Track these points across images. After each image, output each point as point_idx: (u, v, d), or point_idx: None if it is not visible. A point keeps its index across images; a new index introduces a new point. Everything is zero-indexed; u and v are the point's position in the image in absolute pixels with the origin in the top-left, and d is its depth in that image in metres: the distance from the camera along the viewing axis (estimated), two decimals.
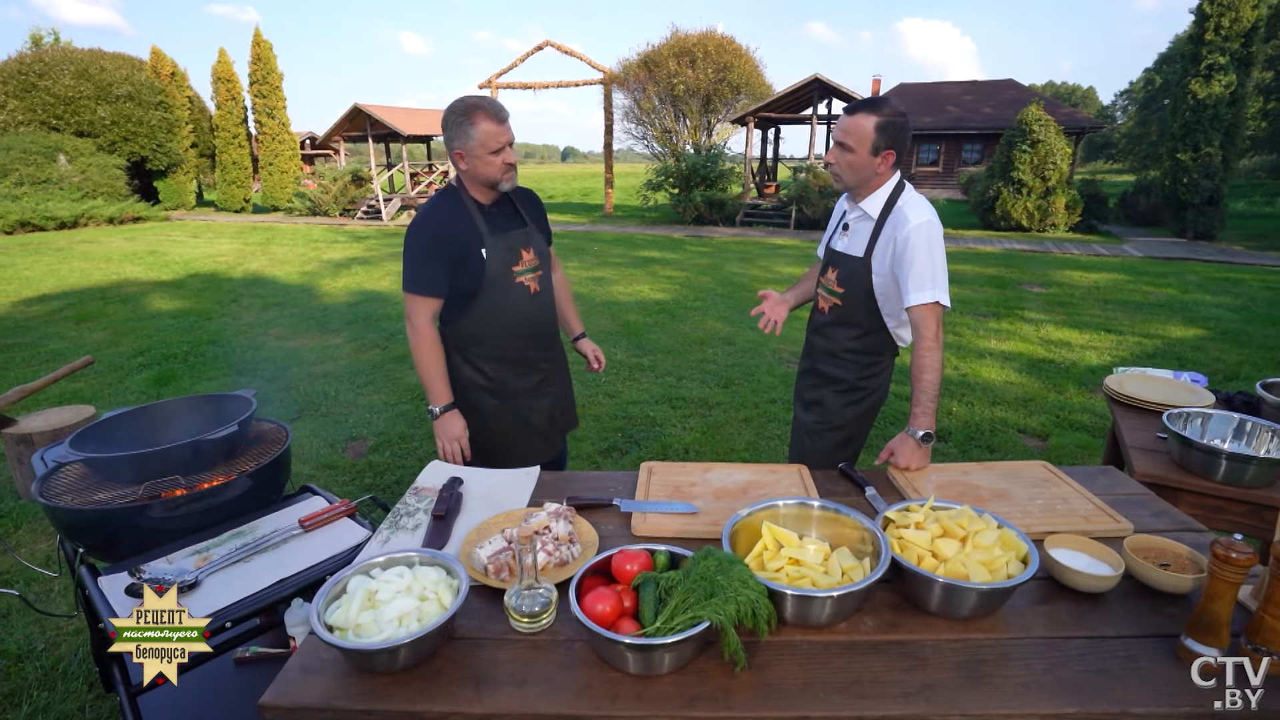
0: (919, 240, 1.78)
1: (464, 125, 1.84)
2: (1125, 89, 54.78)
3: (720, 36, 19.57)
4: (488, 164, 1.88)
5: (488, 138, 1.84)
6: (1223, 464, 1.67)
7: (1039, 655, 1.11)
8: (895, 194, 1.87)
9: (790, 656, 1.12)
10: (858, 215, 1.94)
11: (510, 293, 2.00)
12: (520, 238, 2.03)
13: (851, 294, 1.96)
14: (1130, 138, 45.31)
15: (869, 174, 1.85)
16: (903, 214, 1.82)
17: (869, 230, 1.90)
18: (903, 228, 1.79)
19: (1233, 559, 1.01)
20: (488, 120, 1.84)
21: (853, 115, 1.81)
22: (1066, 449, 3.81)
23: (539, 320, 2.11)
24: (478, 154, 1.86)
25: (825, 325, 2.08)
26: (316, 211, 19.27)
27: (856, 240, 1.94)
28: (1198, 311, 7.28)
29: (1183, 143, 12.90)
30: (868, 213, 1.90)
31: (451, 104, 1.88)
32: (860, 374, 2.04)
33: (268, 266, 10.54)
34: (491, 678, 1.08)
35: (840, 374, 2.06)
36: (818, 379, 2.14)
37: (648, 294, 8.35)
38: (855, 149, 1.81)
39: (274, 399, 4.74)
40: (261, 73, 19.82)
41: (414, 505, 1.61)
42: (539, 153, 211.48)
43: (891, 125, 1.79)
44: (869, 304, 1.94)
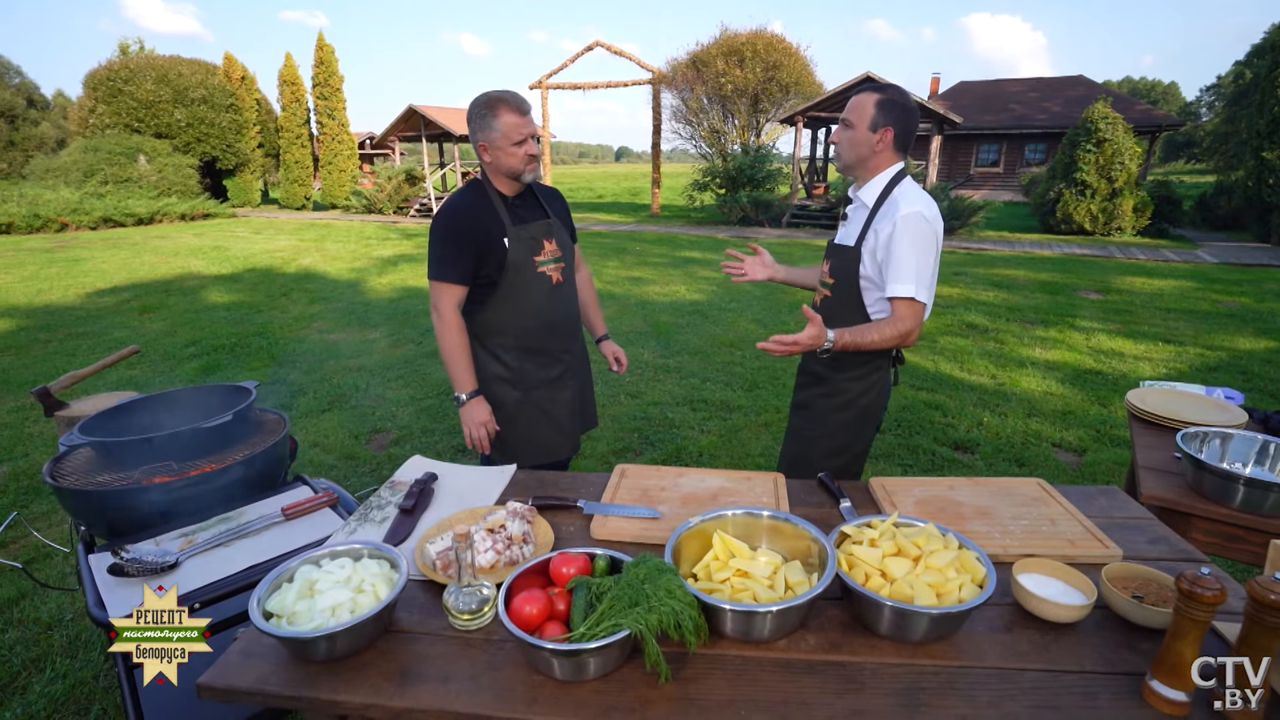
0: (905, 230, 1.72)
1: (487, 118, 1.89)
2: (1212, 84, 51.41)
3: (770, 35, 19.32)
4: (510, 155, 1.92)
5: (510, 129, 1.89)
6: (1240, 490, 1.54)
7: (986, 687, 1.04)
8: (893, 183, 1.82)
9: (720, 671, 1.08)
10: (856, 205, 1.91)
11: (532, 282, 2.03)
12: (542, 228, 2.07)
13: (840, 285, 1.90)
14: (1216, 136, 42.50)
15: (866, 151, 1.81)
16: (894, 202, 1.78)
17: (863, 219, 1.85)
18: (892, 216, 1.75)
19: (1198, 595, 0.92)
20: (510, 112, 1.88)
21: (858, 94, 1.80)
22: (1103, 465, 3.60)
23: (560, 311, 2.13)
24: (500, 145, 1.91)
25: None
26: (371, 209, 19.94)
27: (851, 230, 1.90)
28: (1273, 322, 6.76)
29: (1270, 140, 12.00)
30: (864, 201, 1.86)
31: (475, 98, 1.93)
32: (847, 375, 1.94)
33: (319, 262, 10.95)
34: (417, 673, 1.08)
35: (826, 373, 1.99)
36: (806, 378, 2.09)
37: (683, 294, 8.30)
38: (855, 125, 1.79)
39: (308, 390, 4.92)
40: (324, 75, 20.65)
41: (386, 498, 1.64)
42: (593, 152, 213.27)
43: (893, 104, 1.77)
44: (856, 297, 1.87)
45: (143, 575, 1.51)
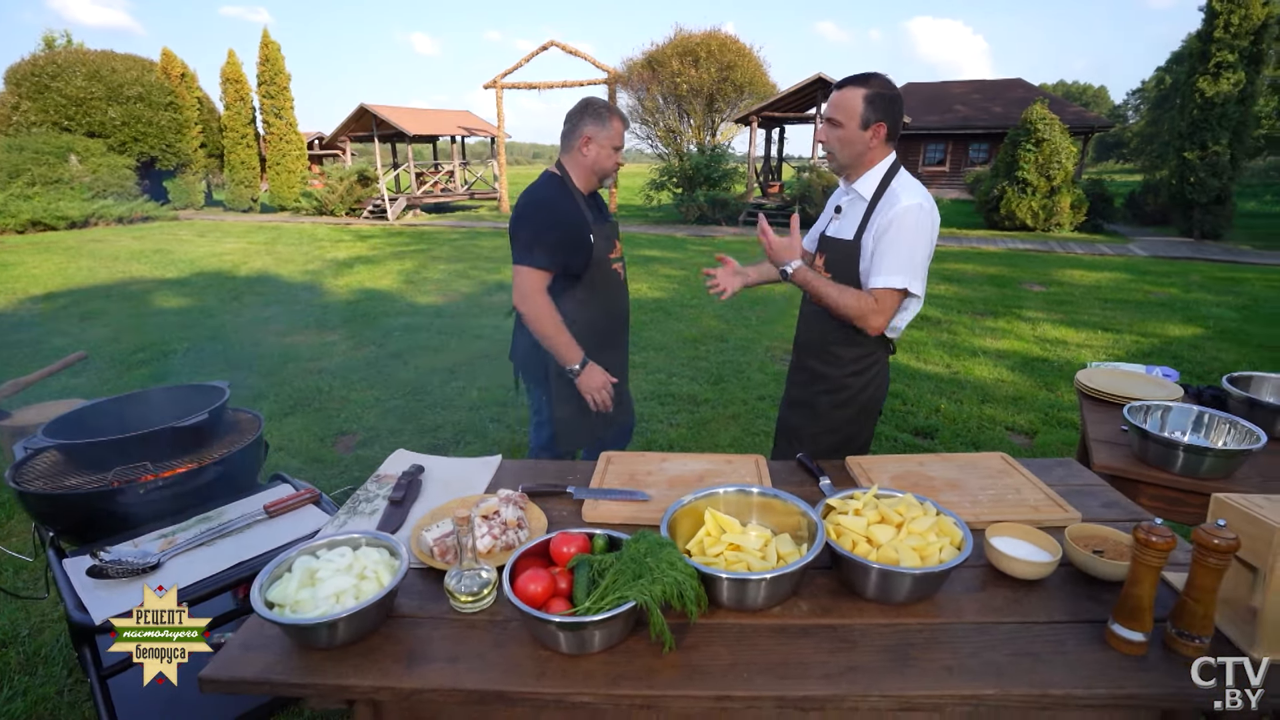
0: (905, 222, 1.73)
1: (605, 118, 2.10)
2: (1137, 88, 54.24)
3: (724, 36, 19.57)
4: (609, 157, 2.14)
5: (616, 135, 2.13)
6: (1180, 456, 1.67)
7: (967, 640, 1.12)
8: (890, 175, 1.82)
9: (720, 638, 1.13)
10: (850, 197, 1.89)
11: (609, 276, 2.22)
12: (612, 228, 2.27)
13: (839, 279, 1.87)
14: (1142, 137, 44.85)
15: (861, 149, 1.80)
16: (894, 194, 1.78)
17: (861, 212, 1.84)
18: (892, 207, 1.75)
19: (1153, 543, 1.02)
20: (619, 121, 2.14)
21: (842, 89, 1.77)
22: (1052, 446, 3.80)
23: (623, 307, 2.38)
24: (604, 146, 2.11)
25: (812, 316, 2.00)
26: (323, 211, 19.41)
27: (848, 223, 1.89)
28: (1198, 311, 7.22)
29: (1190, 141, 12.78)
30: (860, 194, 1.85)
31: (592, 98, 2.15)
32: (848, 370, 1.94)
33: (272, 265, 10.63)
34: (424, 655, 1.10)
35: (828, 371, 1.97)
36: (805, 376, 2.05)
37: (646, 292, 8.36)
38: (845, 123, 1.77)
39: (268, 394, 4.79)
40: (269, 73, 19.99)
41: (374, 491, 1.64)
42: (547, 153, 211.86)
43: (881, 97, 1.75)
44: (856, 289, 1.84)
45: (125, 576, 1.48)
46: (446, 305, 7.71)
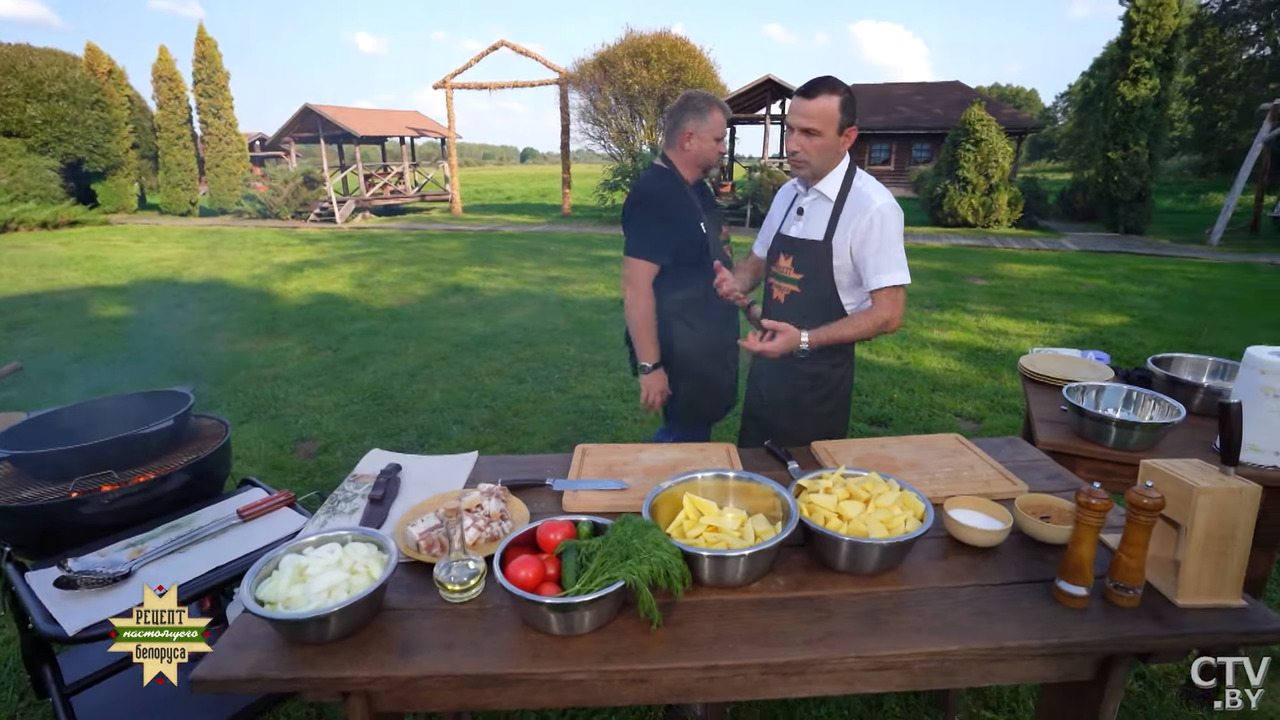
0: (885, 222, 1.79)
1: (705, 111, 2.16)
2: (1065, 91, 57.04)
3: (674, 37, 19.72)
4: (711, 148, 2.20)
5: (717, 126, 2.18)
6: (1113, 431, 1.82)
7: (931, 603, 1.21)
8: (850, 174, 1.86)
9: (704, 614, 1.19)
10: (813, 198, 1.91)
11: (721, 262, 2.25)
12: (719, 216, 2.35)
13: (811, 279, 1.91)
14: (1070, 138, 47.17)
15: (835, 154, 1.83)
16: (864, 195, 1.82)
17: (827, 212, 1.87)
18: (867, 209, 1.80)
19: (1092, 504, 1.12)
20: (720, 112, 2.19)
21: (814, 98, 1.76)
22: (998, 429, 4.01)
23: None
24: (706, 137, 2.18)
25: (783, 316, 1.94)
26: (267, 214, 18.79)
27: (814, 224, 1.91)
28: (1124, 300, 7.69)
29: (1113, 142, 13.54)
30: (825, 194, 1.87)
31: (693, 92, 2.22)
32: (833, 360, 2.00)
33: (215, 270, 10.25)
34: (418, 644, 1.13)
35: (810, 368, 2.00)
36: (780, 373, 2.05)
37: (603, 292, 8.41)
38: (824, 131, 1.78)
39: (220, 402, 4.65)
40: (206, 71, 19.22)
41: (351, 491, 1.64)
42: (497, 154, 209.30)
43: (851, 102, 1.79)
44: (830, 289, 1.91)
45: (96, 587, 1.45)
46: (402, 308, 7.60)
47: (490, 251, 12.24)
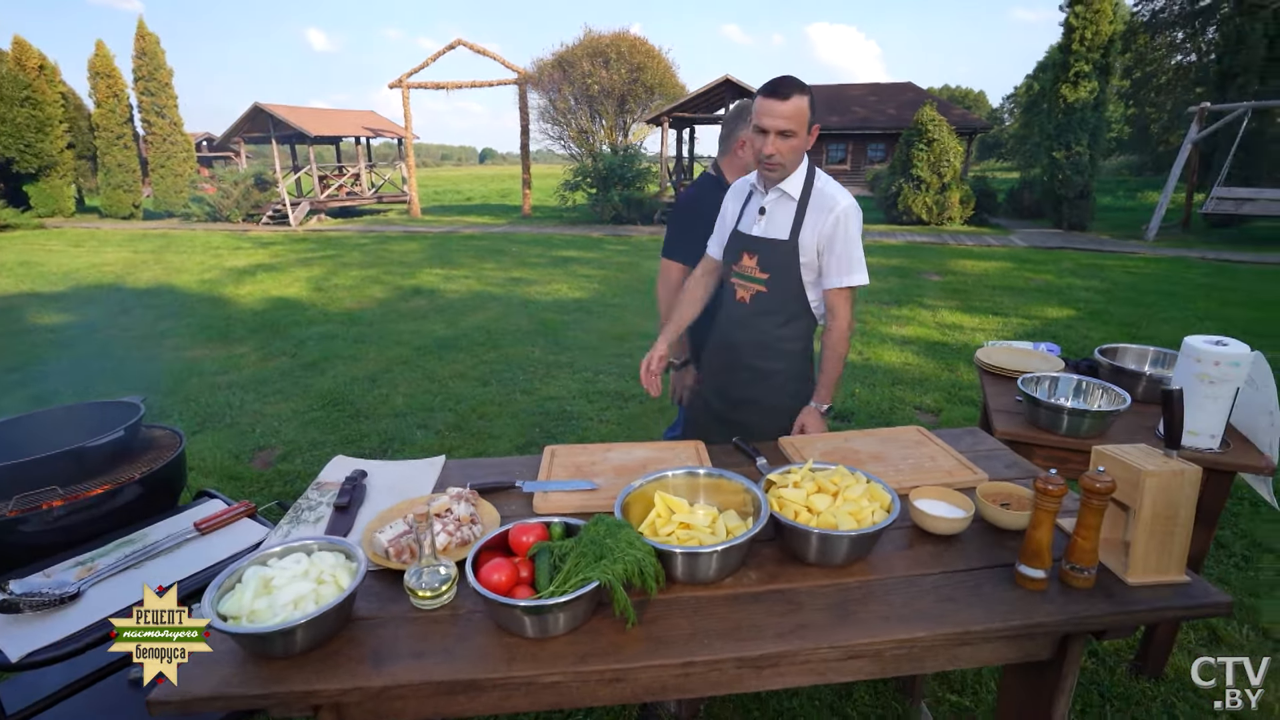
0: (849, 222, 1.83)
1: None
2: (1011, 93, 59.03)
3: (633, 37, 19.77)
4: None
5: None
6: (1065, 419, 1.89)
7: (899, 592, 1.24)
8: (811, 173, 1.89)
9: (679, 611, 1.20)
10: (775, 197, 1.92)
11: None
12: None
13: (779, 278, 1.93)
14: (1016, 138, 48.81)
15: (803, 154, 1.85)
16: (828, 194, 1.85)
17: (791, 211, 1.88)
18: (832, 209, 1.83)
19: (1049, 490, 1.17)
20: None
21: (789, 100, 1.73)
22: (956, 421, 4.13)
23: None
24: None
25: (750, 316, 2.01)
26: (217, 217, 18.15)
27: (777, 223, 1.92)
28: (1070, 294, 8.00)
29: (1057, 142, 14.06)
30: (788, 193, 1.88)
31: (746, 102, 2.19)
32: (798, 347, 2.03)
33: (162, 276, 9.87)
34: (391, 653, 1.11)
35: (781, 365, 2.03)
36: (749, 375, 2.06)
37: (566, 293, 8.37)
38: (798, 132, 1.77)
39: (173, 411, 4.48)
40: (148, 68, 18.46)
41: (316, 499, 1.60)
42: (456, 154, 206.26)
43: (814, 99, 1.79)
44: (797, 286, 1.93)
45: (41, 609, 1.38)
46: (361, 311, 7.43)
47: (450, 253, 12.07)
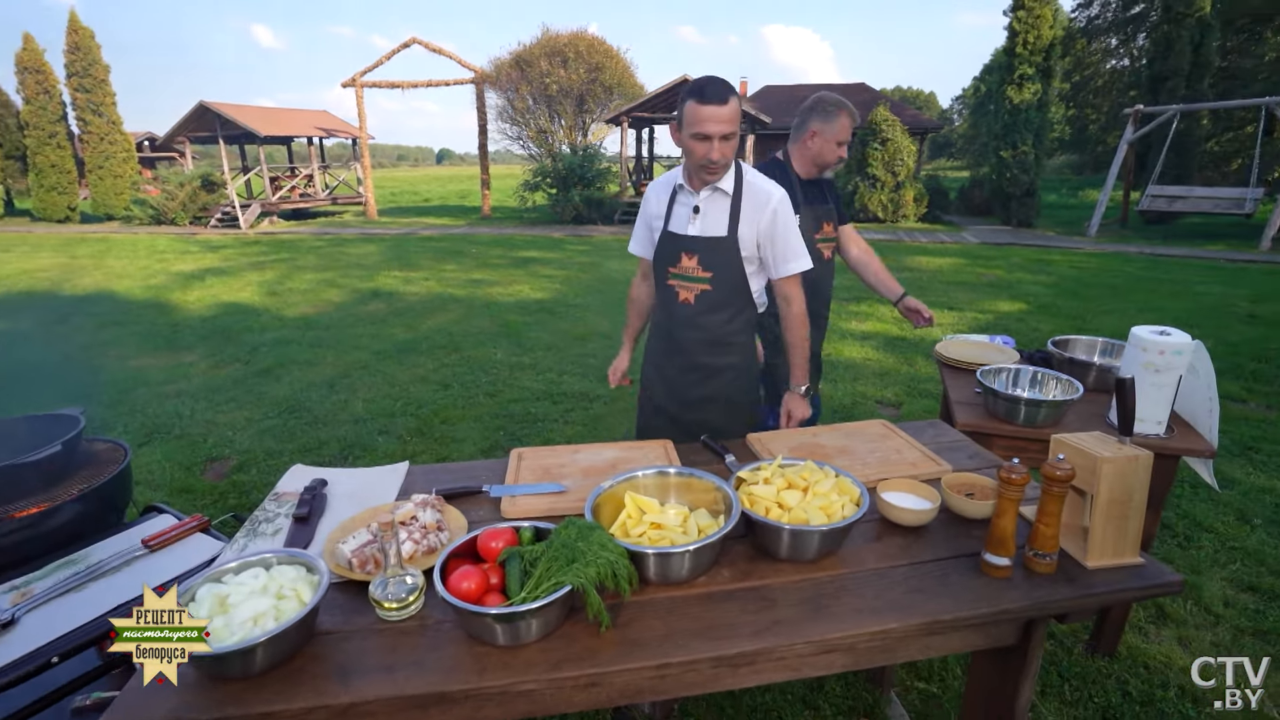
0: (786, 213, 1.89)
1: (833, 115, 2.32)
2: (959, 94, 60.84)
3: (591, 37, 19.72)
4: (831, 151, 2.37)
5: (842, 131, 2.34)
6: (1022, 409, 1.94)
7: (870, 584, 1.25)
8: (739, 167, 1.91)
9: (652, 612, 1.19)
10: (709, 195, 1.92)
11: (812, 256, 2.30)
12: (825, 212, 2.51)
13: (722, 275, 1.94)
14: (965, 138, 50.37)
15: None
16: (760, 188, 1.89)
17: (725, 207, 1.90)
18: (768, 201, 1.87)
19: (1013, 479, 1.19)
20: (848, 119, 2.34)
21: (728, 103, 1.73)
22: (916, 414, 4.22)
23: (826, 281, 2.61)
24: (829, 139, 2.34)
25: (696, 315, 2.01)
26: (162, 220, 17.42)
27: (713, 221, 1.93)
28: (1020, 289, 8.27)
29: (1003, 142, 14.54)
30: (722, 189, 1.89)
31: (824, 95, 2.37)
32: (743, 338, 2.05)
33: (103, 281, 9.43)
34: (358, 668, 1.07)
35: (733, 360, 2.05)
36: (701, 373, 2.07)
37: (528, 294, 8.30)
38: (736, 131, 1.79)
39: (117, 424, 4.28)
40: (81, 64, 17.58)
41: (274, 511, 1.54)
42: (412, 155, 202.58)
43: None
44: (741, 280, 1.96)
45: None
46: (318, 316, 7.23)
47: (409, 255, 11.83)
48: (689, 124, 1.78)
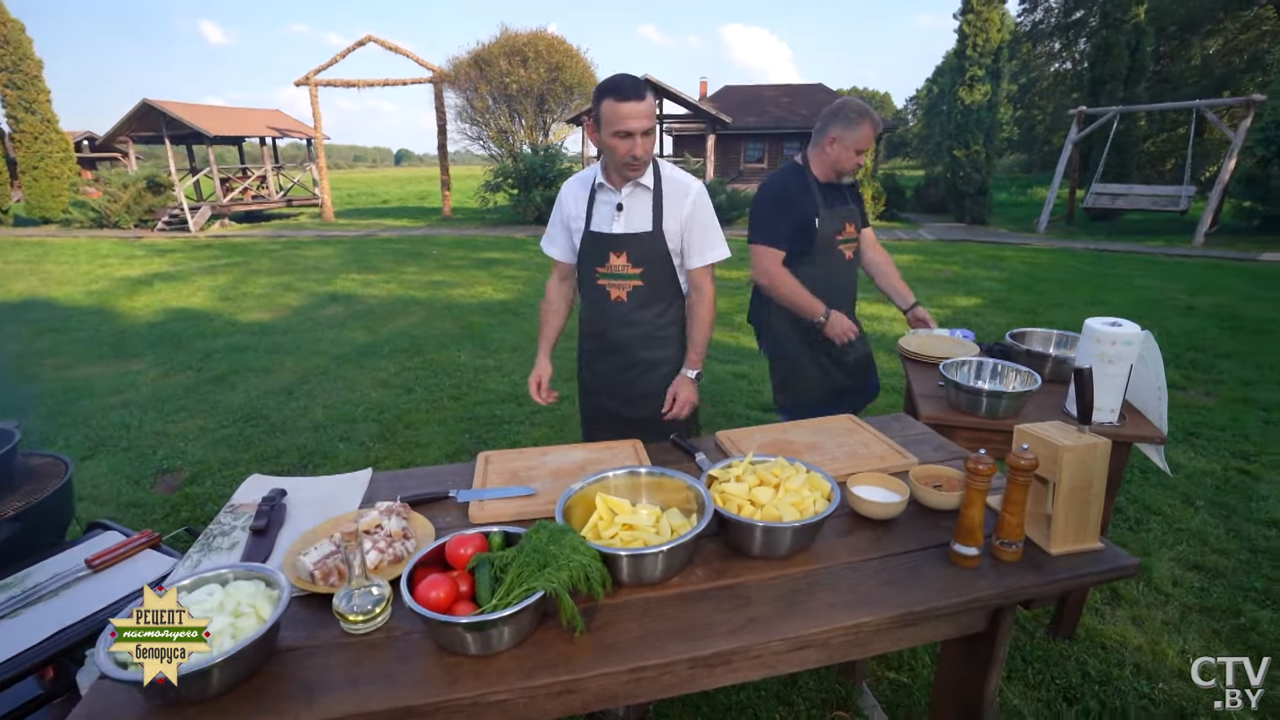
0: (704, 203, 1.95)
1: (855, 123, 2.30)
2: (913, 95, 62.36)
3: (551, 36, 19.60)
4: (850, 158, 2.36)
5: (863, 139, 2.32)
6: (983, 401, 1.99)
7: (843, 579, 1.25)
8: (655, 162, 1.95)
9: (627, 614, 1.17)
10: (630, 191, 1.94)
11: (833, 256, 2.47)
12: (847, 213, 2.51)
13: (652, 270, 1.98)
14: (920, 138, 51.65)
15: None
16: (678, 180, 1.95)
17: (648, 202, 1.93)
18: (688, 193, 1.93)
19: (980, 470, 1.21)
20: (870, 127, 2.32)
21: (645, 99, 1.77)
22: (879, 408, 4.28)
23: (850, 281, 2.60)
24: (848, 146, 2.33)
25: (631, 312, 2.04)
26: (104, 223, 16.69)
27: (637, 217, 1.95)
28: (976, 284, 8.50)
29: (956, 141, 14.95)
30: (644, 184, 1.92)
31: (848, 100, 2.36)
32: (674, 330, 2.11)
33: (39, 287, 8.99)
34: (322, 684, 1.03)
35: (668, 352, 2.10)
36: (640, 369, 2.11)
37: (491, 295, 8.20)
38: (654, 125, 1.84)
39: (57, 437, 4.07)
40: (11, 58, 16.71)
41: (229, 524, 1.47)
42: (370, 155, 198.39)
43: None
44: (670, 273, 2.00)
45: None
46: (274, 321, 7.01)
47: (368, 257, 11.58)
48: (609, 122, 1.79)
